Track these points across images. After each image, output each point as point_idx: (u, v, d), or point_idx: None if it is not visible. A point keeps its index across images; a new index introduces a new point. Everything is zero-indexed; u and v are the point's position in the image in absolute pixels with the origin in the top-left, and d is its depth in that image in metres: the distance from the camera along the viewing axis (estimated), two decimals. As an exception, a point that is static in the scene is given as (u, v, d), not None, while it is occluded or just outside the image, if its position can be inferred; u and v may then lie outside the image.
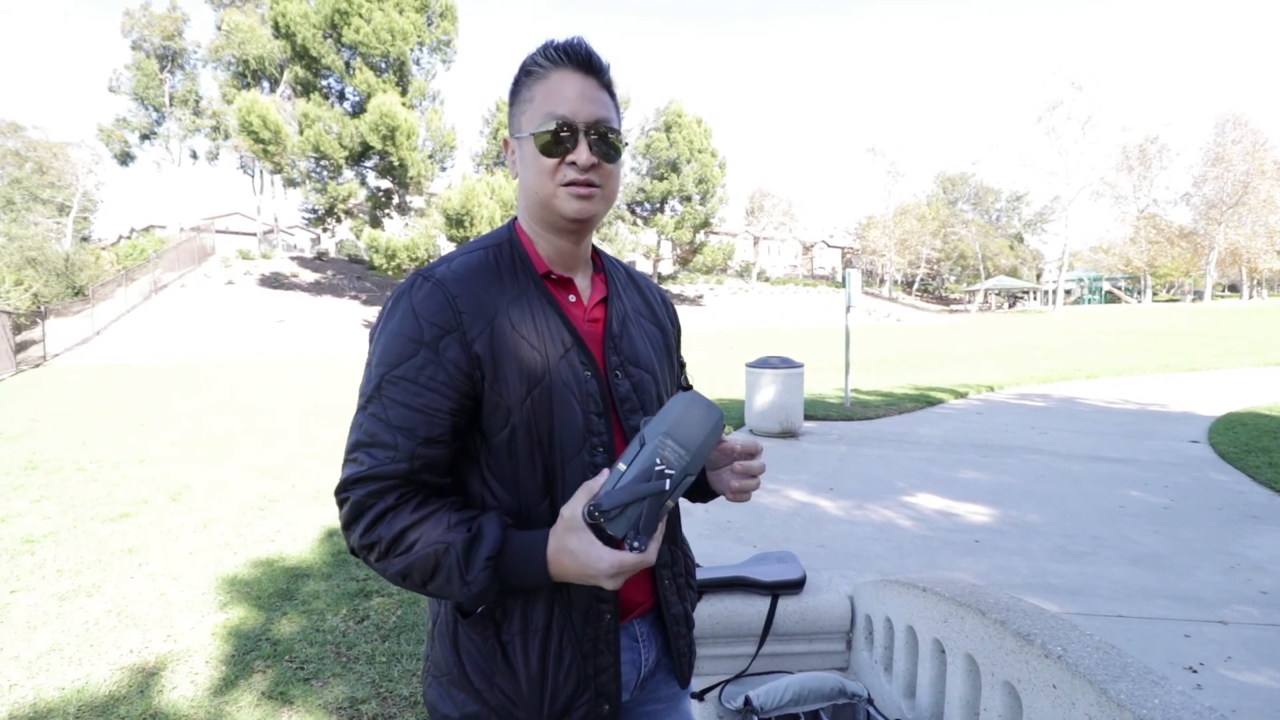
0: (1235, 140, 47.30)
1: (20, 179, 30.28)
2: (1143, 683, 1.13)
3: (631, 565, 0.80)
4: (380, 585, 3.71)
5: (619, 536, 0.79)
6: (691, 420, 0.82)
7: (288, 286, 29.53)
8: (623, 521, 0.78)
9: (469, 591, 0.85)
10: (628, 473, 0.78)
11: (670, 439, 0.79)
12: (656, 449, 0.79)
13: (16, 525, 4.88)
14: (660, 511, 0.80)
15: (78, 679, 2.84)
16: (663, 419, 0.81)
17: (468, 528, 0.87)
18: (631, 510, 0.78)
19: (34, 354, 18.62)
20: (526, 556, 0.86)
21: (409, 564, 0.86)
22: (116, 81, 37.01)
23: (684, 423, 0.81)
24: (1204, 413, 8.83)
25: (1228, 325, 25.44)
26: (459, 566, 0.85)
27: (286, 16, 25.75)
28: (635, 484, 0.78)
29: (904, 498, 5.41)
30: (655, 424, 0.81)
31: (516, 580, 0.87)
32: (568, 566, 0.83)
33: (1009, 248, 61.53)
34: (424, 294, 0.92)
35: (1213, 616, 3.31)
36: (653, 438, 0.80)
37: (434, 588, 0.87)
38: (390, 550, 0.87)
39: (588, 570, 0.81)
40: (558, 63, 0.96)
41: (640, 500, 0.78)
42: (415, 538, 0.86)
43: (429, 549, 0.85)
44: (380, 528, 0.87)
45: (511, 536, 0.88)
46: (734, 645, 2.26)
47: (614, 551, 0.79)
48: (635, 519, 0.78)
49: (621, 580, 0.82)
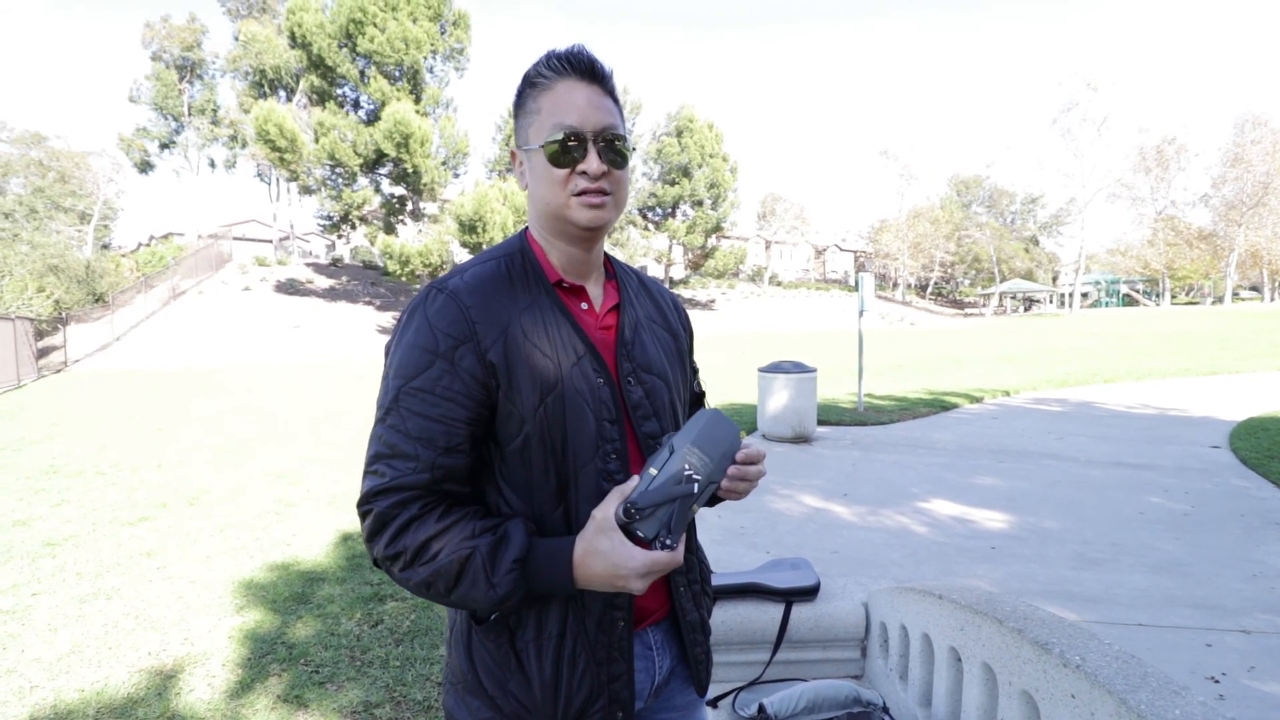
0: (1255, 140, 46.67)
1: (43, 188, 30.81)
2: (1163, 693, 1.12)
3: (664, 564, 0.82)
4: (395, 590, 3.72)
5: (649, 537, 0.82)
6: (714, 432, 0.88)
7: (303, 292, 29.83)
8: (654, 522, 0.82)
9: (494, 595, 0.86)
10: (659, 476, 0.83)
11: (696, 448, 0.85)
12: (684, 455, 0.84)
13: (38, 528, 4.96)
14: (688, 514, 0.84)
15: (97, 681, 2.88)
16: (689, 430, 0.87)
17: (493, 533, 0.88)
18: (663, 511, 0.82)
19: (55, 360, 18.95)
20: (552, 560, 0.87)
21: (434, 571, 0.87)
22: (137, 92, 37.69)
23: (707, 434, 0.87)
24: (1225, 417, 8.70)
25: (1249, 328, 25.06)
26: (485, 570, 0.86)
27: (302, 27, 26.10)
28: (667, 486, 0.82)
29: (919, 503, 5.37)
30: (682, 435, 0.87)
31: (542, 584, 0.88)
32: (596, 570, 0.85)
33: (1024, 251, 61.00)
34: (438, 306, 0.94)
35: (1235, 625, 3.26)
36: (680, 446, 0.85)
37: (458, 594, 0.88)
38: (415, 559, 0.88)
39: (619, 570, 0.82)
40: (561, 72, 0.96)
41: (671, 501, 0.82)
42: (440, 546, 0.87)
43: (454, 555, 0.86)
44: (405, 538, 0.88)
45: (537, 541, 0.89)
46: (747, 652, 2.25)
47: (646, 551, 0.82)
48: (666, 519, 0.83)
49: (650, 581, 0.84)
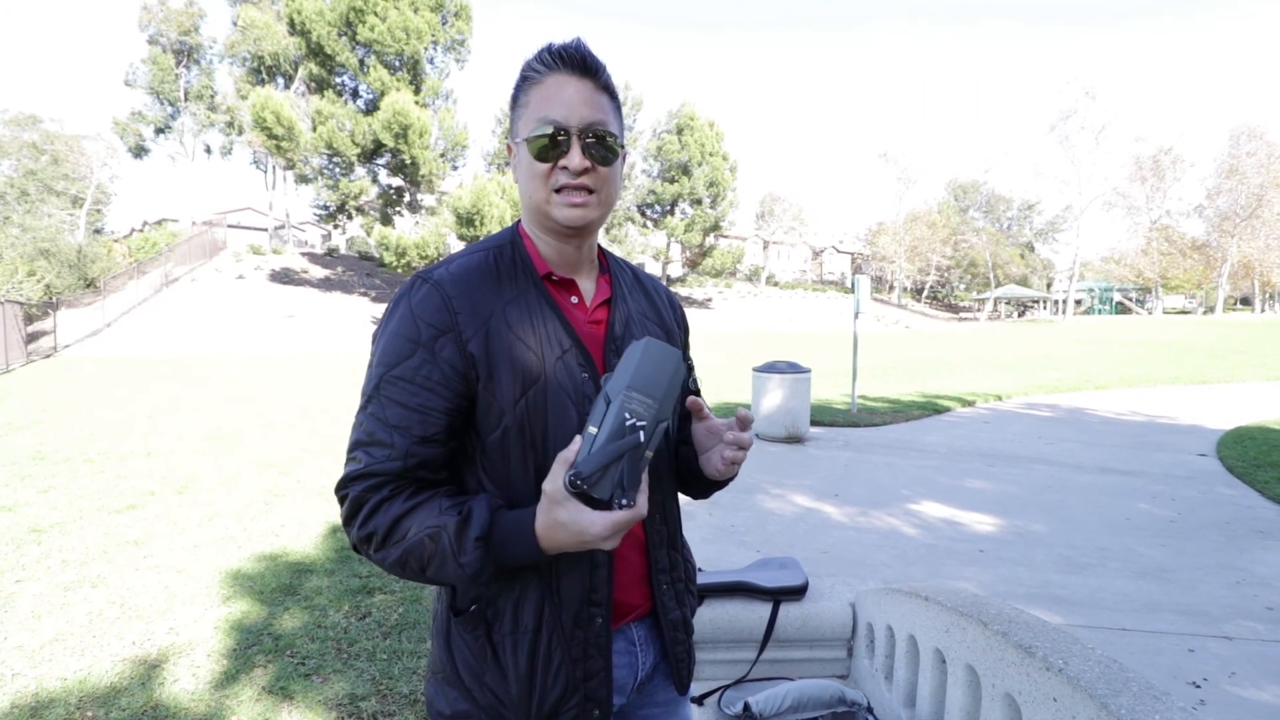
0: (1250, 153, 46.93)
1: (36, 171, 30.55)
2: (1144, 698, 1.13)
3: (625, 521, 0.80)
4: (383, 582, 3.72)
5: (605, 498, 0.78)
6: (651, 366, 0.80)
7: (298, 282, 29.69)
8: (606, 484, 0.77)
9: (464, 573, 0.87)
10: (599, 434, 0.77)
11: (634, 391, 0.78)
12: (623, 404, 0.78)
13: (23, 515, 4.93)
14: (640, 464, 0.78)
15: (80, 669, 2.86)
16: (623, 372, 0.80)
17: (458, 511, 0.88)
18: (612, 470, 0.77)
19: (45, 345, 18.81)
20: (515, 533, 0.87)
21: (405, 550, 0.88)
22: (133, 75, 37.35)
23: (644, 370, 0.80)
24: (1213, 426, 8.76)
25: (1240, 338, 25.24)
26: (452, 549, 0.86)
27: (302, 13, 25.95)
28: (609, 444, 0.77)
29: (909, 505, 5.39)
30: (616, 379, 0.80)
31: (510, 558, 0.88)
32: (561, 539, 0.83)
33: (1020, 256, 61.24)
34: (422, 295, 0.94)
35: (1218, 631, 3.28)
36: (617, 393, 0.78)
37: (432, 572, 0.89)
38: (387, 539, 0.89)
39: (583, 537, 0.81)
40: (553, 66, 0.95)
41: (619, 459, 0.77)
42: (409, 525, 0.88)
43: (422, 534, 0.87)
44: (376, 518, 0.89)
45: (500, 516, 0.89)
46: (734, 650, 2.26)
47: (604, 514, 0.79)
48: (618, 478, 0.77)
49: (619, 538, 0.82)
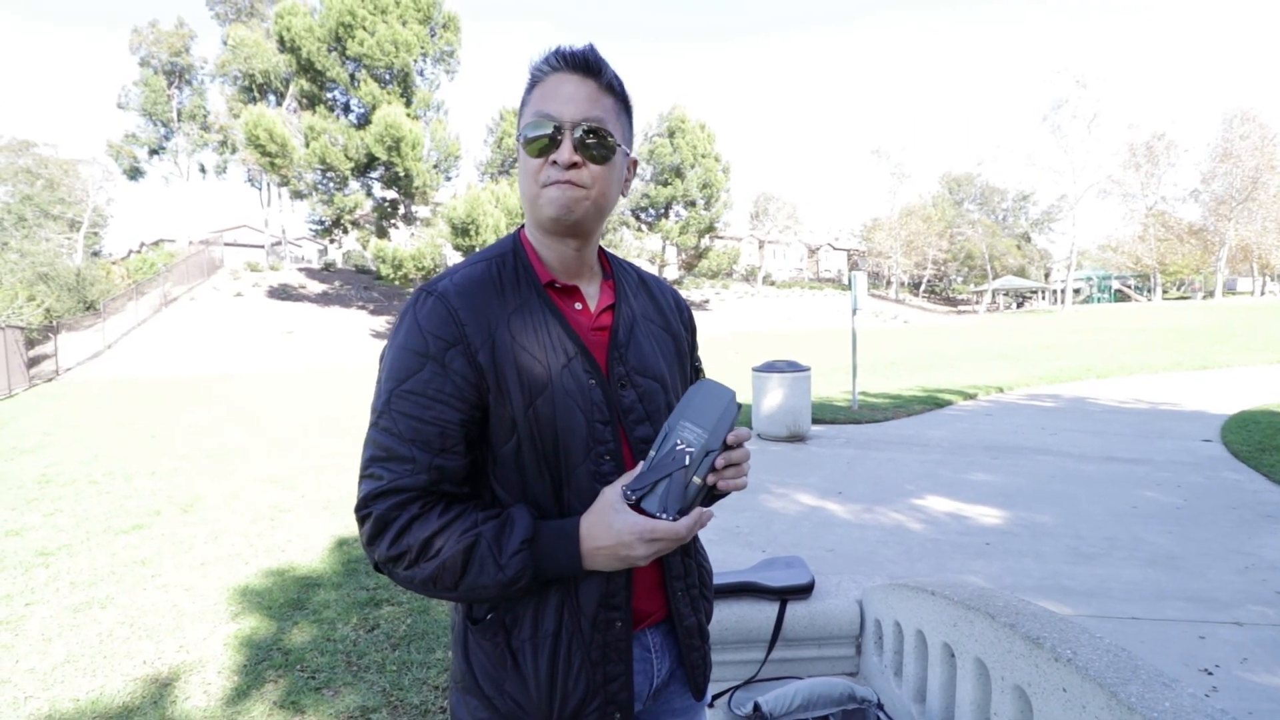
0: (1244, 136, 46.92)
1: (32, 196, 30.62)
2: (1154, 685, 1.13)
3: (662, 533, 0.86)
4: (390, 594, 3.72)
5: (653, 512, 0.88)
6: (704, 401, 0.93)
7: (296, 298, 29.71)
8: (654, 499, 0.88)
9: (503, 576, 0.87)
10: (655, 457, 0.90)
11: (686, 421, 0.91)
12: (676, 432, 0.90)
13: (31, 538, 4.93)
14: (688, 487, 0.89)
15: (92, 690, 2.86)
16: (681, 408, 0.93)
17: (496, 519, 0.90)
18: (660, 487, 0.88)
19: (47, 368, 18.80)
20: (559, 538, 0.90)
21: (439, 565, 0.88)
22: (125, 98, 37.45)
23: (695, 404, 0.92)
24: (1217, 411, 8.76)
25: (1240, 322, 25.22)
26: (492, 552, 0.87)
27: (291, 31, 26.02)
28: (660, 464, 0.89)
29: (913, 500, 5.39)
30: (675, 414, 0.92)
31: (549, 564, 0.90)
32: (600, 540, 0.88)
33: (1016, 247, 61.27)
34: (428, 309, 0.94)
35: (1228, 618, 3.28)
36: (674, 426, 0.91)
37: (466, 584, 0.88)
38: (420, 557, 0.88)
39: (621, 537, 0.87)
40: (556, 67, 0.96)
41: (666, 477, 0.88)
42: (444, 542, 0.88)
43: (459, 545, 0.87)
44: (408, 536, 0.88)
45: (542, 524, 0.92)
46: (743, 651, 2.26)
47: (644, 519, 0.87)
48: (663, 494, 0.88)
49: (653, 551, 0.88)
